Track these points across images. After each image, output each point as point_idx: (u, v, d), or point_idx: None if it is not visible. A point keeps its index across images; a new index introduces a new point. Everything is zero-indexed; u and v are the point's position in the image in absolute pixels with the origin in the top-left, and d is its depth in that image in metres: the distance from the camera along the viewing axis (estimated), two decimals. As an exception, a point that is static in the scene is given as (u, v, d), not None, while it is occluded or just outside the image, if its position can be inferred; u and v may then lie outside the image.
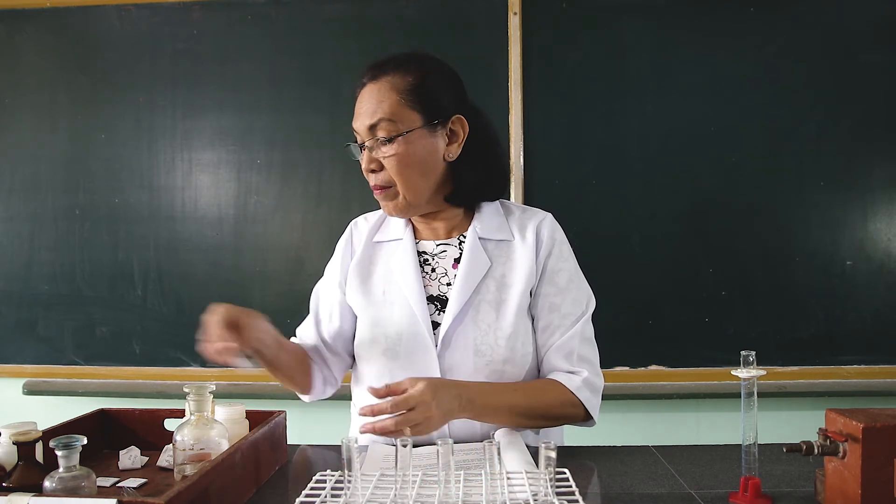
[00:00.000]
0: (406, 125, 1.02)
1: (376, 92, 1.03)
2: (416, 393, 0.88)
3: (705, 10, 1.91)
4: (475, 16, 1.94)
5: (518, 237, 1.10)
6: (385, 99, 1.02)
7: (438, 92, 1.05)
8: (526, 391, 1.02)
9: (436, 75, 1.06)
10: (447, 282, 1.08)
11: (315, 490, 0.76)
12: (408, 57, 1.06)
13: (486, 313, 1.05)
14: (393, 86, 1.02)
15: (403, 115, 1.02)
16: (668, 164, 1.91)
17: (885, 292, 1.87)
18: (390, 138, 1.02)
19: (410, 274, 1.07)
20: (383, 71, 1.04)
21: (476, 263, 1.07)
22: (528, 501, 0.71)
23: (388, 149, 1.02)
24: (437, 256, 1.11)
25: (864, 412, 0.72)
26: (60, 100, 2.05)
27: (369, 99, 1.03)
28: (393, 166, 1.03)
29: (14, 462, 0.77)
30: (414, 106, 1.03)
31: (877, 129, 1.88)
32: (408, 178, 1.04)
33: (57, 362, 2.04)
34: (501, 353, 1.03)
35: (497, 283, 1.06)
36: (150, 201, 2.03)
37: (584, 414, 1.04)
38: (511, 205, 1.17)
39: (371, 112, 1.02)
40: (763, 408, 0.82)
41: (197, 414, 0.84)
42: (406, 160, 1.03)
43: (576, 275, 1.11)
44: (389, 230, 1.16)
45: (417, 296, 1.05)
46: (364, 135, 1.04)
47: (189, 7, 2.01)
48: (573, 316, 1.07)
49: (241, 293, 1.98)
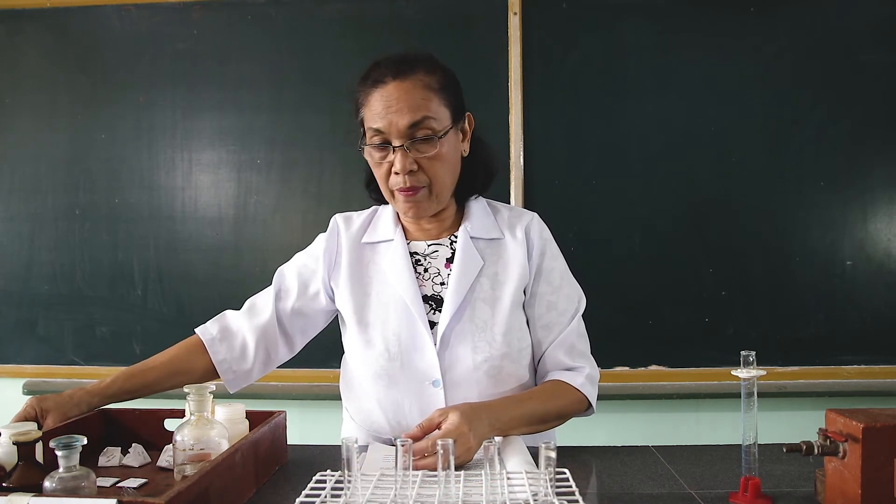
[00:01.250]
0: (444, 124, 1.02)
1: (411, 90, 1.00)
2: (452, 427, 0.88)
3: (705, 10, 1.91)
4: (475, 16, 1.95)
5: (508, 235, 1.11)
6: (425, 97, 1.00)
7: (459, 89, 1.07)
8: (542, 398, 1.04)
9: (452, 73, 1.07)
10: (440, 281, 1.09)
11: (315, 490, 0.76)
12: (426, 56, 1.05)
13: (482, 310, 1.05)
14: (426, 84, 1.01)
15: (441, 113, 1.02)
16: (668, 164, 1.91)
17: (885, 292, 1.87)
18: (429, 138, 1.00)
19: (405, 275, 1.07)
20: (411, 69, 1.01)
21: (470, 262, 1.07)
22: (528, 501, 0.71)
23: (428, 148, 1.01)
24: (429, 257, 1.11)
25: (864, 412, 0.72)
26: (60, 100, 2.05)
27: (405, 97, 0.99)
28: (432, 166, 1.02)
29: (14, 462, 0.77)
30: (447, 104, 1.03)
31: (877, 129, 1.88)
32: (443, 177, 1.04)
33: (57, 362, 2.04)
34: (499, 348, 1.04)
35: (490, 280, 1.08)
36: (150, 201, 2.03)
37: (586, 406, 1.08)
38: (497, 203, 1.18)
39: (413, 109, 0.99)
40: (763, 408, 0.82)
41: (197, 414, 0.84)
42: (446, 159, 1.03)
43: (566, 272, 1.13)
44: (378, 231, 1.14)
45: (414, 296, 1.05)
46: (399, 135, 1.00)
47: (189, 7, 2.01)
48: (569, 312, 1.10)
49: (241, 293, 1.96)
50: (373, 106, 1.01)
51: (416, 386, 1.04)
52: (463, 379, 1.03)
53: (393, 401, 1.05)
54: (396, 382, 1.04)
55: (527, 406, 1.01)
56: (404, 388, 1.04)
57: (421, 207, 1.05)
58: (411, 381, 1.04)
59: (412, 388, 1.04)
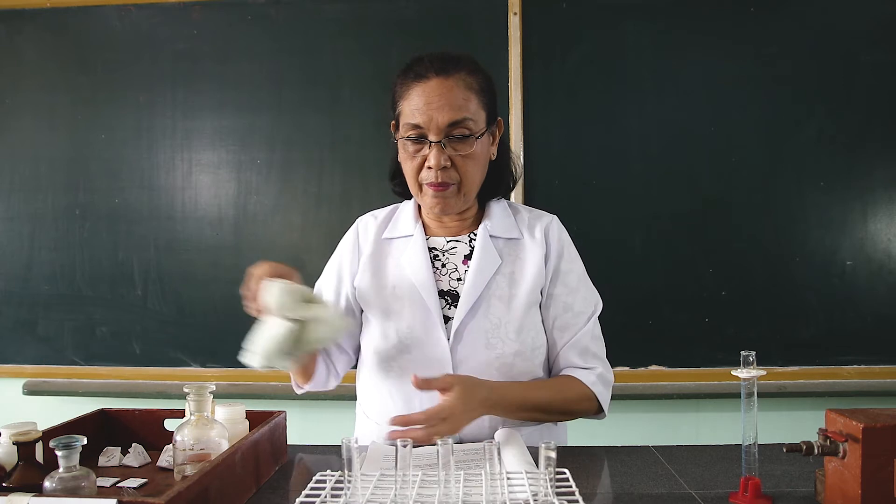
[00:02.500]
0: (480, 126, 1.04)
1: (454, 88, 1.01)
2: (447, 406, 0.92)
3: (705, 10, 1.91)
4: (475, 16, 1.94)
5: (527, 236, 1.13)
6: (466, 97, 1.02)
7: (495, 94, 1.09)
8: (548, 387, 1.06)
9: (491, 77, 1.09)
10: (457, 277, 1.10)
11: (315, 490, 0.76)
12: (469, 56, 1.07)
13: (497, 308, 1.06)
14: (468, 85, 1.03)
15: (478, 115, 1.04)
16: (668, 164, 1.91)
17: (885, 292, 1.87)
18: (465, 137, 1.02)
19: (422, 269, 1.08)
20: (455, 67, 1.03)
21: (488, 260, 1.08)
22: (528, 501, 0.71)
23: (464, 147, 1.03)
24: (448, 252, 1.12)
25: (864, 412, 0.72)
26: (60, 100, 2.05)
27: (447, 94, 1.01)
28: (465, 164, 1.04)
29: (14, 462, 0.77)
30: (484, 107, 1.05)
31: (877, 129, 1.88)
32: (473, 176, 1.06)
33: (57, 362, 2.04)
34: (512, 346, 1.06)
35: (507, 279, 1.08)
36: (150, 201, 2.03)
37: (597, 407, 1.09)
38: (517, 205, 1.20)
39: (454, 108, 1.00)
40: (763, 408, 0.82)
41: (197, 414, 0.84)
42: (478, 159, 1.05)
43: (583, 275, 1.15)
44: (399, 226, 1.15)
45: (430, 289, 1.06)
46: (437, 131, 1.01)
47: (189, 7, 2.01)
48: (585, 314, 1.11)
49: (240, 293, 1.98)
50: (412, 100, 1.03)
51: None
52: (474, 374, 1.04)
53: (404, 393, 1.06)
54: (407, 374, 1.04)
55: (530, 392, 1.03)
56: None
57: (448, 204, 1.07)
58: (422, 373, 1.04)
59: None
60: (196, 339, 2.01)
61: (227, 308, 1.99)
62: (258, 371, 1.03)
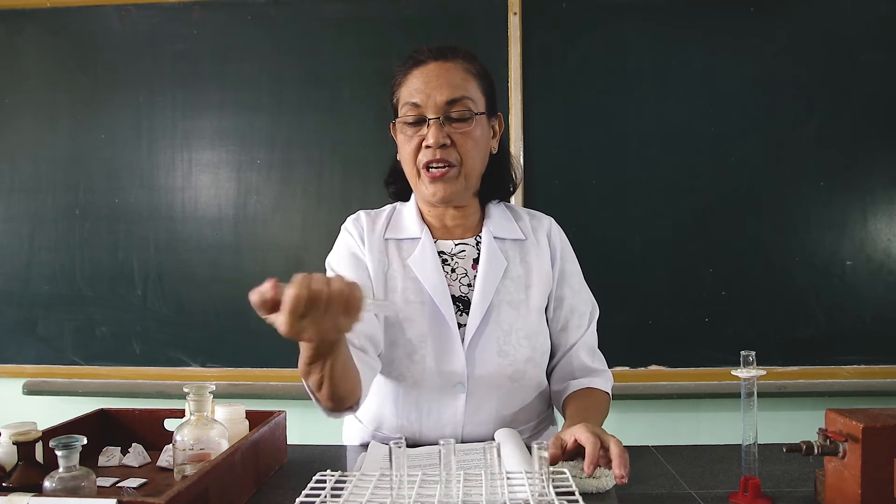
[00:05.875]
0: (479, 107, 1.04)
1: (453, 70, 1.02)
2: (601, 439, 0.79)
3: (705, 10, 1.91)
4: (475, 16, 1.94)
5: (532, 239, 1.12)
6: (464, 78, 1.03)
7: (494, 86, 1.10)
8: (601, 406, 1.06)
9: (489, 70, 1.10)
10: (468, 283, 1.07)
11: (315, 490, 0.76)
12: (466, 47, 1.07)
13: (507, 314, 1.05)
14: (466, 69, 1.04)
15: (477, 97, 1.04)
16: (668, 164, 1.91)
17: (886, 292, 1.87)
18: (466, 118, 1.02)
19: (435, 275, 1.05)
20: (453, 54, 1.04)
21: (495, 263, 1.07)
22: (528, 501, 0.71)
23: (463, 125, 1.02)
24: (457, 256, 1.10)
25: (864, 412, 0.72)
26: (60, 100, 2.05)
27: (445, 74, 1.01)
28: (465, 143, 1.02)
29: (14, 462, 0.77)
30: (483, 92, 1.06)
31: (877, 129, 1.87)
32: (473, 159, 1.04)
33: (57, 362, 2.04)
34: (524, 352, 1.05)
35: (515, 283, 1.07)
36: (150, 201, 2.03)
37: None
38: (515, 207, 1.19)
39: (452, 87, 1.01)
40: (763, 408, 0.82)
41: (197, 414, 0.84)
42: (478, 140, 1.05)
43: (581, 276, 1.16)
44: (403, 228, 1.11)
45: (444, 297, 1.03)
46: (437, 109, 1.01)
47: (189, 7, 2.01)
48: (587, 315, 1.13)
49: (241, 293, 1.97)
50: (411, 83, 1.03)
51: (439, 388, 1.03)
52: (486, 382, 1.03)
53: (412, 402, 1.04)
54: (420, 383, 1.03)
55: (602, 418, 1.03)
56: (427, 390, 1.03)
57: (448, 189, 1.03)
58: (436, 382, 1.03)
59: (435, 390, 1.03)
60: (196, 339, 2.01)
61: (227, 308, 1.99)
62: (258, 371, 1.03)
